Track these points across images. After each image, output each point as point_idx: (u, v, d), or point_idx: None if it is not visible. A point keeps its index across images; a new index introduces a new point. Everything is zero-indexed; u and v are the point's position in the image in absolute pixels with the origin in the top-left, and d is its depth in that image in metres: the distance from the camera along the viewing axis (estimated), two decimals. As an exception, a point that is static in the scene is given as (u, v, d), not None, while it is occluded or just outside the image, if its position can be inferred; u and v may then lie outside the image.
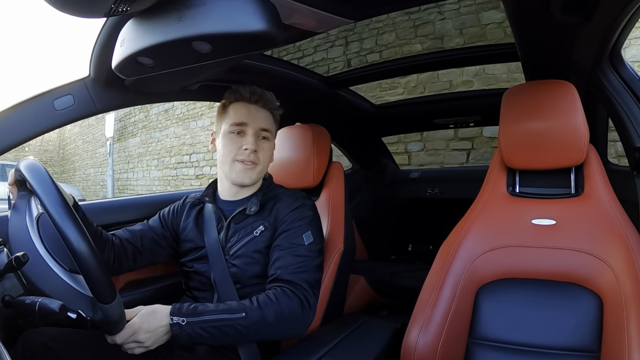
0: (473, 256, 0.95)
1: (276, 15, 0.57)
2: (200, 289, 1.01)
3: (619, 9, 0.79)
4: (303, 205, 1.02)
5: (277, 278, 0.90)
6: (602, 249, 0.86)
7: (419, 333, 0.87)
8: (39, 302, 0.66)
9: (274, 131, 1.07)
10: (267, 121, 1.03)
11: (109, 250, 0.99)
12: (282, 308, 0.85)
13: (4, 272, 0.70)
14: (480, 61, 1.44)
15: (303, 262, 0.92)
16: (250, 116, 1.01)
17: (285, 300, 0.86)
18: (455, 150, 3.06)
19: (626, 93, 1.03)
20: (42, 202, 0.67)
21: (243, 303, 0.85)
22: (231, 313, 0.82)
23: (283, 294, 0.87)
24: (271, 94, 1.06)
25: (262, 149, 1.02)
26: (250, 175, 1.00)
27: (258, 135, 1.02)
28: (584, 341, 0.83)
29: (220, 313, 0.82)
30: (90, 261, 0.65)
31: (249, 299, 0.87)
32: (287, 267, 0.91)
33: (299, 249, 0.94)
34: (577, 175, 0.97)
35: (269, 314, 0.84)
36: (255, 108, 1.02)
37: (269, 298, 0.86)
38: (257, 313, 0.83)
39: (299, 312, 0.87)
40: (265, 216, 1.00)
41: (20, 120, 0.88)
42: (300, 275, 0.90)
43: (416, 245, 2.33)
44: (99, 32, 0.82)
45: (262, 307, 0.84)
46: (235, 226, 1.00)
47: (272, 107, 1.05)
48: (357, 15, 0.80)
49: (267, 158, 1.04)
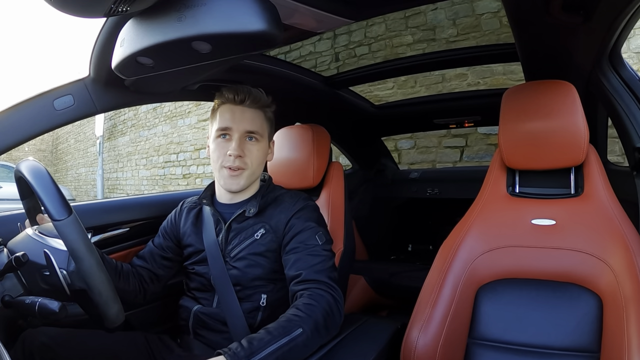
0: (473, 256, 0.95)
1: (276, 15, 0.57)
2: (201, 289, 1.01)
3: (619, 9, 0.79)
4: (307, 207, 1.00)
5: (304, 279, 0.88)
6: (602, 249, 0.86)
7: (419, 333, 0.87)
8: (39, 302, 0.67)
9: (265, 131, 1.01)
10: (255, 122, 0.98)
11: (134, 281, 1.01)
12: (324, 307, 0.82)
13: (4, 272, 0.70)
14: (480, 61, 1.44)
15: (323, 261, 0.90)
16: (235, 119, 0.97)
17: (323, 300, 0.83)
18: (448, 147, 2.94)
19: (626, 93, 1.03)
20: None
21: (291, 319, 0.79)
22: (288, 334, 0.75)
23: (318, 295, 0.84)
24: (259, 91, 1.01)
25: (250, 153, 0.97)
26: (237, 182, 0.97)
27: (244, 138, 0.98)
28: (584, 341, 0.83)
29: (278, 338, 0.74)
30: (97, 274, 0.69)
31: (292, 312, 0.80)
32: (310, 267, 0.89)
33: (316, 249, 0.92)
34: (577, 175, 0.97)
35: (318, 317, 0.80)
36: (240, 109, 0.98)
37: (310, 303, 0.82)
38: (310, 321, 0.79)
39: (336, 308, 0.84)
40: (266, 219, 0.98)
41: (20, 120, 0.88)
42: (325, 274, 0.89)
43: (416, 245, 2.33)
44: (99, 32, 0.82)
45: (311, 314, 0.80)
46: (235, 229, 0.99)
47: (260, 105, 1.00)
48: (357, 15, 0.80)
49: (257, 160, 0.99)
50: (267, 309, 0.95)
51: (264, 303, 0.95)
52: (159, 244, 1.08)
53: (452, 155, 2.92)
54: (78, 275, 0.70)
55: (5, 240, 0.81)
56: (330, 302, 0.84)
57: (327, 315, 0.82)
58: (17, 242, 0.78)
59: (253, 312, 0.95)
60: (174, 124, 6.44)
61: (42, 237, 0.77)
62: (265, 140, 1.01)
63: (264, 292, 0.96)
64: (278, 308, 0.95)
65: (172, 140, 6.50)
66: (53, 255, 0.70)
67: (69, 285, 0.72)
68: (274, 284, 0.97)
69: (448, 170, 2.72)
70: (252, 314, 0.95)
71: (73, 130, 11.46)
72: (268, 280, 0.96)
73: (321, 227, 0.97)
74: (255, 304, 0.95)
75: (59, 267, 0.70)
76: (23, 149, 11.39)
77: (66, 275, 0.72)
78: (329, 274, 0.89)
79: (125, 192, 8.13)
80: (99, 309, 0.71)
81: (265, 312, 0.95)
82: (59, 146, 13.42)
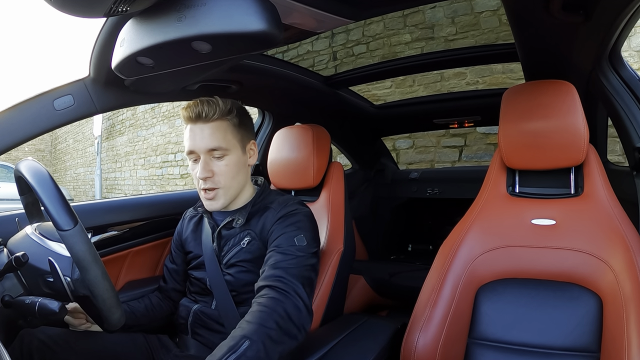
0: (473, 256, 0.95)
1: (276, 15, 0.57)
2: (200, 293, 1.02)
3: (619, 9, 0.79)
4: (292, 212, 0.95)
5: (265, 276, 0.84)
6: (602, 249, 0.86)
7: (419, 333, 0.88)
8: (38, 302, 0.67)
9: (233, 140, 0.94)
10: (214, 137, 0.92)
11: (167, 303, 1.10)
12: (278, 311, 0.77)
13: (3, 272, 0.70)
14: (480, 61, 1.44)
15: (292, 259, 0.86)
16: (195, 140, 0.92)
17: (277, 303, 0.78)
18: (446, 147, 2.91)
19: (626, 93, 1.03)
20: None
21: (241, 326, 0.75)
22: (235, 349, 0.70)
23: (273, 299, 0.79)
24: (213, 102, 0.93)
25: (219, 169, 0.93)
26: (215, 202, 0.95)
27: (209, 156, 0.93)
28: (584, 341, 0.83)
29: (225, 356, 0.69)
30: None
31: (243, 320, 0.76)
32: (275, 263, 0.85)
33: (290, 249, 0.89)
34: (577, 175, 0.97)
35: (270, 324, 0.75)
36: (198, 128, 0.92)
37: (262, 311, 0.77)
38: (261, 330, 0.73)
39: (293, 309, 0.79)
40: (252, 227, 0.97)
41: (20, 120, 0.88)
42: (291, 271, 0.84)
43: (416, 245, 2.33)
44: (99, 32, 0.82)
45: (261, 322, 0.75)
46: (225, 235, 1.00)
47: (218, 116, 0.92)
48: (357, 15, 0.80)
49: (229, 175, 0.94)
50: None
51: None
52: (173, 260, 1.11)
53: (451, 154, 2.90)
54: (82, 284, 0.71)
55: (5, 240, 0.81)
56: (285, 303, 0.78)
57: (283, 319, 0.76)
58: (17, 242, 0.78)
59: None
60: (172, 123, 6.43)
61: (42, 239, 0.77)
62: (234, 151, 0.95)
63: None
64: None
65: (169, 140, 6.48)
66: (57, 262, 0.70)
67: (72, 292, 0.72)
68: None
69: (448, 170, 2.71)
70: None
71: (72, 130, 11.43)
72: None
73: (303, 231, 0.92)
74: None
75: (63, 275, 0.70)
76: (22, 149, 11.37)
77: (70, 282, 0.72)
78: (294, 271, 0.84)
79: (124, 192, 8.11)
80: (101, 314, 0.72)
81: None
82: (58, 146, 13.40)
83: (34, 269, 0.73)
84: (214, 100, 0.93)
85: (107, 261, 1.13)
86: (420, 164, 3.02)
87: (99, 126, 8.57)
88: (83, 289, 0.71)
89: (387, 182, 2.26)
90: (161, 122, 6.77)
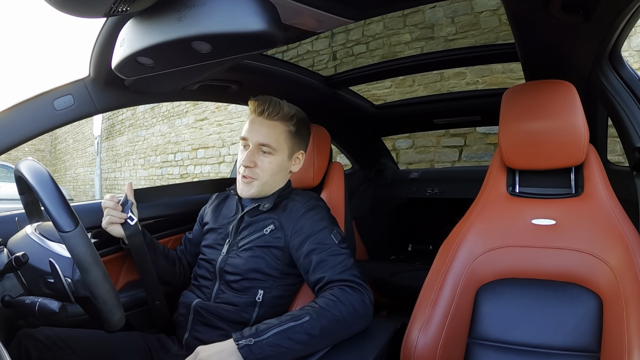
0: (473, 256, 0.95)
1: (276, 15, 0.57)
2: (205, 277, 1.03)
3: (618, 9, 0.79)
4: (317, 206, 1.01)
5: (329, 280, 0.88)
6: (602, 249, 0.86)
7: (419, 333, 0.87)
8: (38, 302, 0.67)
9: (283, 144, 1.02)
10: (269, 135, 1.00)
11: (179, 265, 1.14)
12: (346, 304, 0.83)
13: (3, 272, 0.70)
14: (480, 61, 1.44)
15: (344, 260, 0.91)
16: (251, 130, 1.01)
17: (347, 297, 0.84)
18: (446, 147, 2.91)
19: (626, 93, 1.03)
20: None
21: (305, 308, 0.83)
22: (295, 320, 0.80)
23: (342, 292, 0.85)
24: (280, 104, 1.01)
25: (262, 164, 1.00)
26: (248, 189, 1.02)
27: (258, 149, 1.01)
28: (584, 341, 0.83)
29: (284, 323, 0.80)
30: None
31: (309, 304, 0.85)
32: (332, 268, 0.89)
33: (334, 248, 0.92)
34: (577, 175, 0.97)
35: (336, 312, 0.82)
36: (258, 121, 1.01)
37: (330, 299, 0.84)
38: (323, 313, 0.81)
39: (363, 306, 0.85)
40: (277, 216, 1.01)
41: (20, 120, 0.88)
42: (349, 272, 0.89)
43: (416, 245, 2.33)
44: (99, 32, 0.82)
45: (326, 308, 0.82)
46: (247, 221, 1.03)
47: (279, 118, 1.01)
48: (357, 15, 0.80)
49: (269, 172, 1.01)
50: (263, 305, 0.96)
51: (260, 299, 0.96)
52: (194, 231, 1.18)
53: (451, 154, 2.90)
54: (83, 285, 0.71)
55: (5, 240, 0.81)
56: (354, 299, 0.84)
57: (349, 312, 0.83)
58: (17, 242, 0.78)
59: (249, 307, 0.96)
60: (172, 123, 6.44)
61: (43, 239, 0.77)
62: (281, 154, 1.02)
63: (261, 288, 0.97)
64: (275, 307, 0.97)
65: (169, 140, 6.49)
66: (57, 263, 0.70)
67: (73, 293, 0.72)
68: (272, 281, 0.98)
69: (448, 170, 2.71)
70: (249, 309, 0.96)
71: (71, 130, 11.43)
72: (266, 275, 0.97)
73: (335, 226, 0.99)
74: (252, 299, 0.96)
75: (64, 276, 0.70)
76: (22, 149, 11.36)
77: (71, 283, 0.72)
78: (352, 272, 0.89)
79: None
80: (102, 315, 0.72)
81: (262, 308, 0.96)
82: (58, 146, 13.40)
83: (34, 269, 0.73)
84: (281, 103, 1.02)
85: (107, 261, 1.13)
86: (420, 164, 3.01)
87: (98, 126, 8.56)
88: (84, 290, 0.72)
89: (387, 182, 2.26)
90: (161, 122, 6.77)
